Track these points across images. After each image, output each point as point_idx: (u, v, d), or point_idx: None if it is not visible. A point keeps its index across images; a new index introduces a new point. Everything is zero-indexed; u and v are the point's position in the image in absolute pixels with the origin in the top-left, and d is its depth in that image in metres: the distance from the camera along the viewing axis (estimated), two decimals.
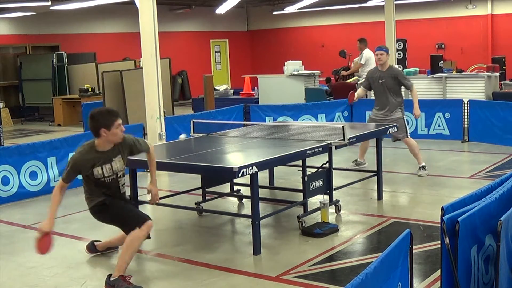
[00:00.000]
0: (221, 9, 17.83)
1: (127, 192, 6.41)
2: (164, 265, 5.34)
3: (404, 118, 8.22)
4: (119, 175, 4.98)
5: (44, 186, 8.04)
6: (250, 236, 5.50)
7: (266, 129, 7.46)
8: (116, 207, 5.01)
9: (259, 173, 5.29)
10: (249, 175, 5.16)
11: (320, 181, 6.25)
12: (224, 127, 8.23)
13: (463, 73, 12.79)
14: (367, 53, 13.13)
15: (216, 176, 6.47)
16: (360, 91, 8.55)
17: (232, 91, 16.28)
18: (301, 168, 6.11)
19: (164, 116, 9.41)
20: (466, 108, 10.79)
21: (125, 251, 4.82)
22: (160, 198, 6.95)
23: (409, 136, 8.27)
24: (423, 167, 8.28)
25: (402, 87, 8.26)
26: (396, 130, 7.44)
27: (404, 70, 12.66)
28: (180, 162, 5.79)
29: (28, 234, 6.40)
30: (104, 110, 4.97)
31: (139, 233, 4.79)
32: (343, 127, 6.24)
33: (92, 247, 5.59)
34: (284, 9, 20.84)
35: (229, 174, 5.30)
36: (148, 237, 5.09)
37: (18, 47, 18.29)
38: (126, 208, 5.07)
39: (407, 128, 8.30)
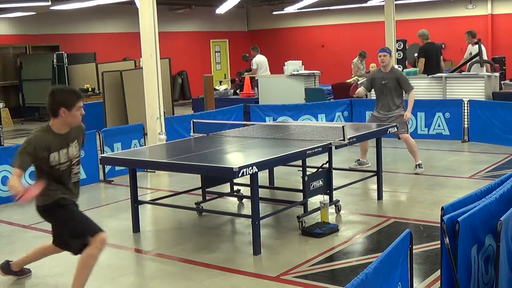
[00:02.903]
0: (221, 9, 17.83)
1: (128, 192, 6.43)
2: (164, 265, 5.34)
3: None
4: (73, 162, 4.53)
5: None
6: (250, 236, 5.50)
7: (266, 129, 7.46)
8: (71, 211, 4.53)
9: (259, 173, 5.29)
10: (249, 175, 5.16)
11: (320, 181, 6.25)
12: (224, 127, 8.23)
13: (463, 73, 12.78)
14: (257, 58, 15.41)
15: (216, 176, 6.47)
16: (360, 90, 8.55)
17: (232, 91, 16.28)
18: (301, 168, 6.11)
19: (164, 116, 9.41)
20: (466, 108, 10.79)
21: (80, 271, 4.39)
22: (160, 198, 6.97)
23: (409, 134, 8.32)
24: (420, 165, 8.38)
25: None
26: (396, 130, 7.44)
27: (404, 70, 12.67)
28: (180, 162, 5.79)
29: (28, 234, 6.40)
30: (68, 89, 4.64)
31: (93, 251, 4.35)
32: (343, 127, 6.24)
33: (6, 267, 5.05)
34: (284, 9, 20.85)
35: (229, 174, 5.30)
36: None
37: (18, 47, 18.29)
38: (81, 216, 4.57)
39: (408, 125, 8.34)
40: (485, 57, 12.79)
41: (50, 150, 4.36)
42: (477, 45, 12.66)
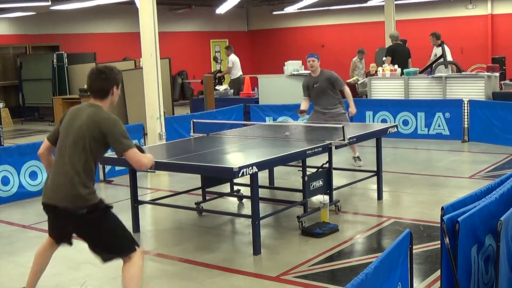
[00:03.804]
0: (221, 9, 17.83)
1: (128, 192, 6.42)
2: (164, 265, 5.33)
3: (347, 114, 8.55)
4: None
5: None
6: (250, 236, 5.50)
7: (266, 129, 7.46)
8: (116, 220, 4.01)
9: (259, 173, 5.29)
10: (249, 175, 5.16)
11: (320, 181, 6.25)
12: (224, 127, 8.23)
13: (463, 73, 12.79)
14: (232, 57, 16.01)
15: (216, 176, 6.47)
16: (304, 103, 8.62)
17: (232, 91, 16.29)
18: (301, 168, 6.11)
19: (164, 116, 9.41)
20: (466, 108, 10.79)
21: (129, 286, 3.92)
22: (160, 198, 6.97)
23: None
24: (359, 158, 8.74)
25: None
26: (396, 129, 7.43)
27: (404, 70, 12.68)
28: (180, 162, 5.78)
29: (28, 234, 6.41)
30: (113, 66, 4.21)
31: (139, 261, 3.96)
32: (343, 127, 6.25)
33: None
34: (284, 9, 20.85)
35: (229, 174, 5.30)
36: None
37: (18, 47, 18.28)
38: (122, 229, 4.03)
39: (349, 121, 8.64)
40: (449, 58, 13.09)
41: None
42: (440, 47, 13.00)
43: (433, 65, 12.82)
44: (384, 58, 13.39)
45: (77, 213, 3.84)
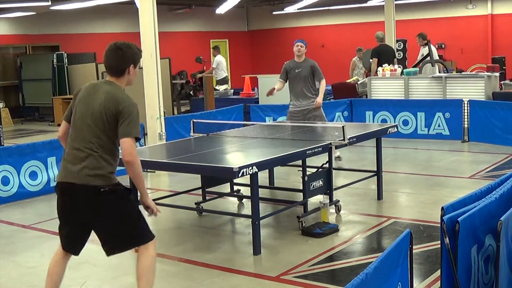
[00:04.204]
0: (221, 9, 17.83)
1: None
2: (164, 265, 5.33)
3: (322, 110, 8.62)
4: None
5: (44, 186, 8.04)
6: (250, 236, 5.50)
7: (266, 129, 7.46)
8: (136, 207, 3.91)
9: (259, 173, 5.28)
10: (249, 175, 5.16)
11: (320, 181, 6.25)
12: (224, 127, 8.23)
13: (463, 73, 12.81)
14: (218, 58, 16.33)
15: (216, 176, 6.47)
16: (279, 84, 8.62)
17: (232, 91, 16.30)
18: (301, 168, 6.11)
19: (164, 116, 9.41)
20: (466, 108, 10.79)
21: (146, 276, 3.94)
22: (160, 198, 6.97)
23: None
24: (339, 157, 8.86)
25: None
26: (396, 129, 7.44)
27: (404, 70, 12.68)
28: (180, 162, 5.78)
29: (28, 234, 6.40)
30: (132, 43, 4.00)
31: (154, 251, 3.94)
32: (343, 127, 6.24)
33: None
34: (284, 9, 20.85)
35: (229, 174, 5.29)
36: None
37: (18, 47, 18.29)
38: (142, 218, 3.94)
39: (325, 116, 8.72)
40: (436, 57, 13.41)
41: None
42: (427, 47, 13.28)
43: (421, 64, 13.00)
44: (370, 60, 13.53)
45: (97, 191, 3.69)
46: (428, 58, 13.13)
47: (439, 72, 12.84)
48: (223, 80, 16.70)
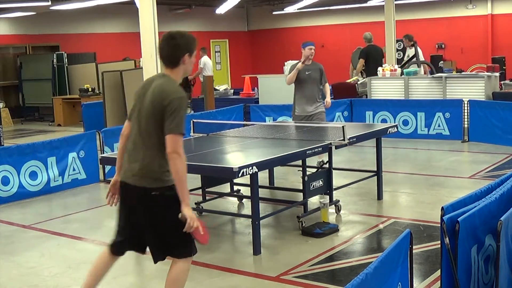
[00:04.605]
0: (221, 9, 17.83)
1: None
2: (164, 265, 5.32)
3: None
4: None
5: (44, 186, 8.05)
6: (250, 236, 5.50)
7: (266, 129, 7.46)
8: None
9: (259, 173, 5.28)
10: (249, 175, 5.16)
11: (320, 181, 6.25)
12: (224, 127, 8.23)
13: (463, 73, 12.82)
14: (203, 59, 16.48)
15: (216, 176, 6.46)
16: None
17: (232, 91, 16.29)
18: (301, 168, 6.11)
19: None
20: (466, 108, 10.79)
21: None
22: None
23: None
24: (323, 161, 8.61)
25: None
26: (396, 129, 7.44)
27: (404, 70, 12.69)
28: None
29: (28, 234, 6.40)
30: (185, 32, 3.83)
31: (188, 265, 3.78)
32: (343, 127, 6.24)
33: None
34: (284, 9, 20.84)
35: (229, 174, 5.29)
36: None
37: (18, 47, 18.28)
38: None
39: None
40: (422, 58, 13.48)
41: None
42: (413, 48, 13.36)
43: (407, 65, 13.10)
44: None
45: (152, 193, 3.62)
46: (415, 59, 13.22)
47: (424, 74, 12.92)
48: None
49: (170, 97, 3.58)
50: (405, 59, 13.79)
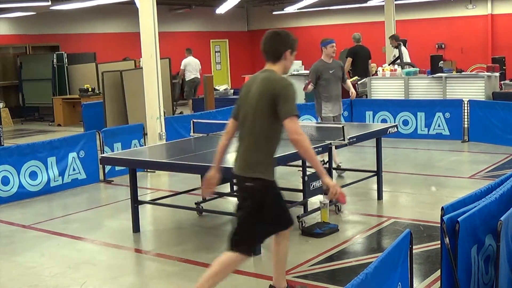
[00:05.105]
0: (221, 9, 17.84)
1: (128, 192, 6.42)
2: (164, 265, 5.33)
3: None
4: None
5: (44, 186, 8.04)
6: None
7: None
8: (271, 206, 4.11)
9: None
10: None
11: (320, 181, 6.23)
12: (224, 127, 8.19)
13: (463, 73, 12.80)
14: (186, 60, 17.17)
15: None
16: (309, 87, 8.24)
17: (232, 91, 16.30)
18: (301, 168, 6.11)
19: (164, 116, 9.41)
20: (466, 108, 10.78)
21: (216, 273, 3.93)
22: (160, 198, 6.98)
23: None
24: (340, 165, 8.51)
25: None
26: (396, 129, 7.44)
27: (404, 70, 12.69)
28: (180, 162, 5.78)
29: (28, 234, 6.40)
30: (287, 31, 4.09)
31: (240, 258, 3.98)
32: (343, 127, 6.24)
33: None
34: (284, 9, 20.85)
35: (229, 174, 5.29)
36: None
37: (18, 47, 18.29)
38: (271, 220, 4.14)
39: None
40: (407, 58, 13.63)
41: None
42: (398, 49, 13.53)
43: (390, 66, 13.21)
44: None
45: (246, 182, 3.94)
46: (399, 61, 13.33)
47: None
48: (192, 81, 17.11)
49: (280, 84, 3.84)
50: (391, 59, 13.91)
